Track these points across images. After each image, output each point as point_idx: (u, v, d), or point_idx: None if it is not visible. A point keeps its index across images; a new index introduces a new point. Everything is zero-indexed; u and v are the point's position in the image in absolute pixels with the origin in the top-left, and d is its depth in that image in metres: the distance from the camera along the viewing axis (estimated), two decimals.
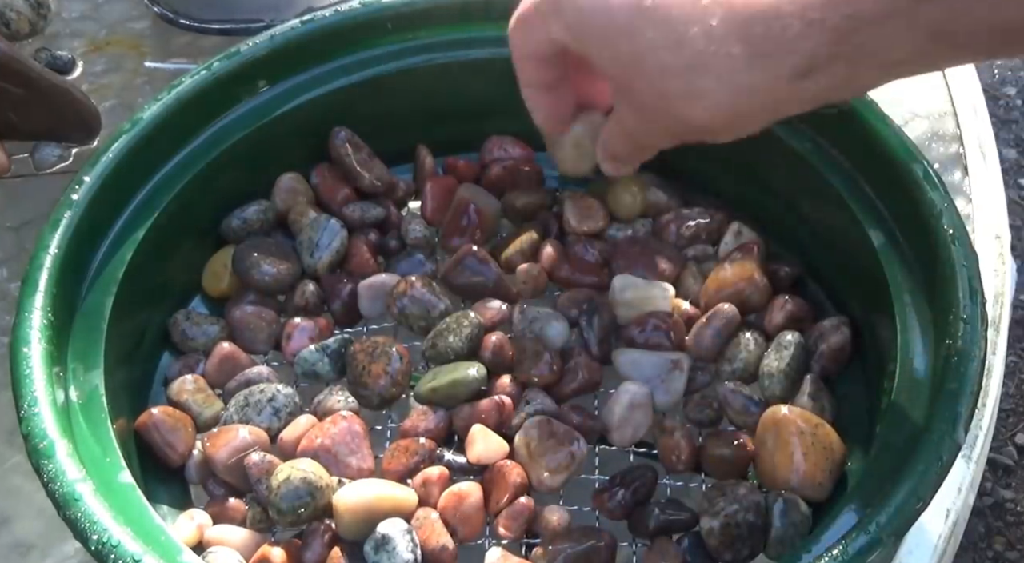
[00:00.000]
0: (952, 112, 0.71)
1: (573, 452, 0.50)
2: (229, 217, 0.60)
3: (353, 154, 0.61)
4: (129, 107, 0.73)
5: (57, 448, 0.43)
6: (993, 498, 1.34)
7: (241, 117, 0.59)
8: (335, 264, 0.59)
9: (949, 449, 0.42)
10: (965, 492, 0.53)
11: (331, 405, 0.53)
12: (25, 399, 0.44)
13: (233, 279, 0.58)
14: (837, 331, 0.53)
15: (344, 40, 0.60)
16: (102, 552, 0.40)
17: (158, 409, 0.51)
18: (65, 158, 0.69)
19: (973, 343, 0.45)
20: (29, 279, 0.48)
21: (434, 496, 0.49)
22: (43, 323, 0.47)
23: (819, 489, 0.48)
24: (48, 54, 0.74)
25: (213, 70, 0.57)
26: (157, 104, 0.55)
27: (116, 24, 0.80)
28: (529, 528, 0.49)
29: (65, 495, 0.41)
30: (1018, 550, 1.29)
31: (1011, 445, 1.39)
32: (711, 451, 0.51)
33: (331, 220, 0.59)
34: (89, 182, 0.52)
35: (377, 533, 0.46)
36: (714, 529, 0.47)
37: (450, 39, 0.62)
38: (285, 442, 0.51)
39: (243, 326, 0.57)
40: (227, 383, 0.55)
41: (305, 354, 0.55)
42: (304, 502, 0.46)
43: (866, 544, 0.39)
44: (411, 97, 0.62)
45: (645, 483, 0.50)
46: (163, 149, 0.56)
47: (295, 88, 0.60)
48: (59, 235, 0.50)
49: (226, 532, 0.48)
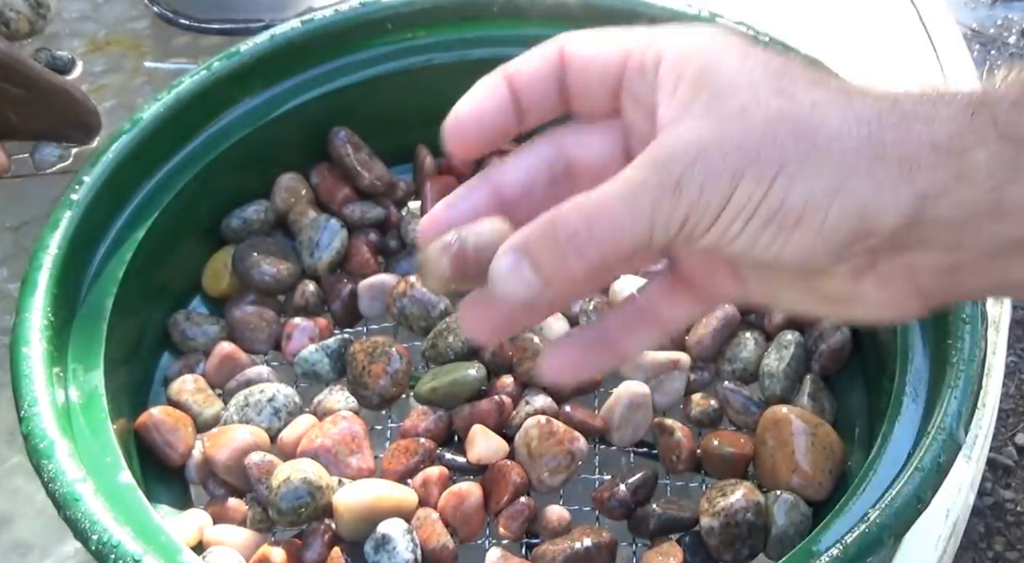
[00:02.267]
0: None
1: (573, 452, 0.50)
2: (229, 217, 0.60)
3: (353, 154, 0.61)
4: (129, 107, 0.73)
5: (57, 448, 0.43)
6: (993, 498, 1.34)
7: (241, 117, 0.59)
8: (335, 264, 0.59)
9: (949, 449, 0.42)
10: (965, 492, 0.53)
11: (331, 405, 0.53)
12: (25, 399, 0.44)
13: (233, 279, 0.58)
14: (837, 331, 0.53)
15: (344, 40, 0.60)
16: (102, 552, 0.40)
17: (158, 409, 0.51)
18: (65, 158, 0.69)
19: (973, 343, 0.45)
20: (29, 279, 0.48)
21: (434, 496, 0.49)
22: (43, 323, 0.47)
23: (819, 489, 0.48)
24: (48, 54, 0.74)
25: (213, 70, 0.57)
26: (157, 104, 0.55)
27: (116, 24, 0.80)
28: (529, 528, 0.49)
29: (65, 495, 0.41)
30: (1018, 550, 1.29)
31: (1011, 445, 1.39)
32: (711, 451, 0.51)
33: (331, 220, 0.59)
34: (89, 182, 0.52)
35: (377, 533, 0.46)
36: (714, 529, 0.47)
37: (450, 39, 0.62)
38: (285, 442, 0.51)
39: (243, 326, 0.57)
40: (227, 383, 0.55)
41: (305, 354, 0.55)
42: (304, 502, 0.46)
43: (866, 544, 0.39)
44: (411, 97, 0.62)
45: (645, 483, 0.50)
46: (163, 149, 0.56)
47: (295, 88, 0.60)
48: (59, 235, 0.50)
49: (226, 532, 0.48)
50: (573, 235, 0.30)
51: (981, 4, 1.99)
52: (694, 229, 0.30)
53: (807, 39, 0.58)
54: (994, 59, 1.88)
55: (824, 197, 0.29)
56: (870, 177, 0.28)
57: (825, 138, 0.29)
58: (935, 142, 0.28)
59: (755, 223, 0.29)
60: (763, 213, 0.29)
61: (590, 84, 0.34)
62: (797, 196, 0.29)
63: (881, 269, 0.30)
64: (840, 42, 0.69)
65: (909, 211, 0.28)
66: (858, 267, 0.30)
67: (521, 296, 0.30)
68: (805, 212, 0.29)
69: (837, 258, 0.30)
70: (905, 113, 0.29)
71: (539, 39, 0.33)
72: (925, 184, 0.28)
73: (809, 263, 0.30)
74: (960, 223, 0.29)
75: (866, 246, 0.29)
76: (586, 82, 0.34)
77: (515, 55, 0.35)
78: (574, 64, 0.34)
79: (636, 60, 0.33)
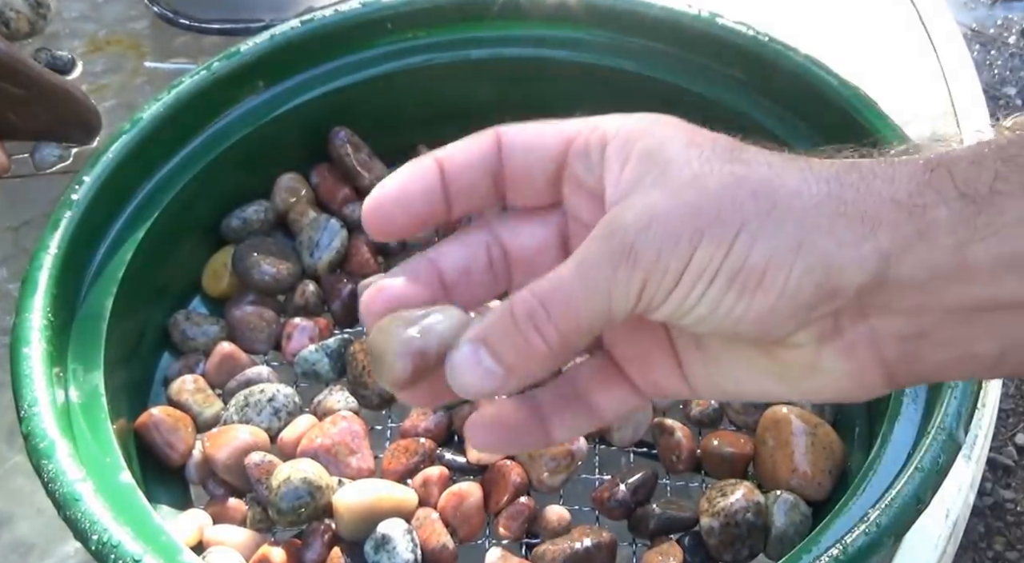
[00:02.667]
0: (952, 112, 0.71)
1: (573, 452, 0.50)
2: (229, 217, 0.60)
3: (353, 154, 0.61)
4: (129, 107, 0.73)
5: (57, 448, 0.43)
6: (993, 498, 1.34)
7: (241, 117, 0.59)
8: (335, 264, 0.59)
9: (949, 449, 0.42)
10: (965, 492, 0.53)
11: (331, 405, 0.53)
12: (25, 399, 0.44)
13: (233, 279, 0.58)
14: None
15: (344, 40, 0.60)
16: (102, 552, 0.40)
17: (158, 409, 0.51)
18: (65, 158, 0.69)
19: None
20: (29, 279, 0.48)
21: (434, 496, 0.49)
22: (43, 323, 0.47)
23: (819, 489, 0.48)
24: (48, 54, 0.74)
25: (213, 70, 0.57)
26: (157, 104, 0.55)
27: (116, 24, 0.80)
28: (529, 528, 0.49)
29: (65, 495, 0.41)
30: (1018, 550, 1.29)
31: (1011, 445, 1.39)
32: (711, 451, 0.51)
33: (331, 220, 0.59)
34: (89, 182, 0.52)
35: (377, 533, 0.46)
36: (714, 529, 0.47)
37: (450, 39, 0.62)
38: (285, 442, 0.51)
39: (243, 326, 0.57)
40: (227, 383, 0.54)
41: (305, 354, 0.55)
42: (304, 502, 0.46)
43: (866, 544, 0.39)
44: (411, 97, 0.62)
45: (645, 483, 0.50)
46: (163, 149, 0.56)
47: (295, 88, 0.60)
48: (59, 235, 0.50)
49: (226, 532, 0.48)
50: (530, 316, 0.28)
51: (981, 4, 1.99)
52: (653, 296, 0.28)
53: (807, 39, 0.58)
54: (994, 59, 1.88)
55: (788, 254, 0.28)
56: (832, 234, 0.28)
57: (785, 195, 0.28)
58: (896, 199, 0.28)
59: (717, 285, 0.28)
60: (725, 273, 0.28)
61: (530, 170, 0.32)
62: (760, 254, 0.28)
63: (845, 335, 0.29)
64: (840, 42, 0.69)
65: (873, 268, 0.28)
66: (822, 333, 0.29)
67: (483, 388, 0.29)
68: (768, 270, 0.28)
69: (801, 322, 0.28)
70: (864, 172, 0.28)
71: (539, 39, 0.33)
72: (888, 242, 0.27)
73: (771, 330, 0.29)
74: (924, 283, 0.28)
75: (831, 308, 0.28)
76: (526, 168, 0.32)
77: (515, 55, 0.35)
78: (513, 149, 0.32)
79: (579, 143, 0.31)
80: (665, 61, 0.60)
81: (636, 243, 0.28)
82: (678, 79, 0.60)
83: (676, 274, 0.28)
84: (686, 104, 0.60)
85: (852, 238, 0.28)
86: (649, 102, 0.61)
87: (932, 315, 0.28)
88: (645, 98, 0.61)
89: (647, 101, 0.61)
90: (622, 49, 0.60)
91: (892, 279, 0.28)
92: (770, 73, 0.57)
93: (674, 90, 0.60)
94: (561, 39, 0.61)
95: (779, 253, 0.28)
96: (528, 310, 0.28)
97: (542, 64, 0.61)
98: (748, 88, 0.58)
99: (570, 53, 0.61)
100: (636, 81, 0.60)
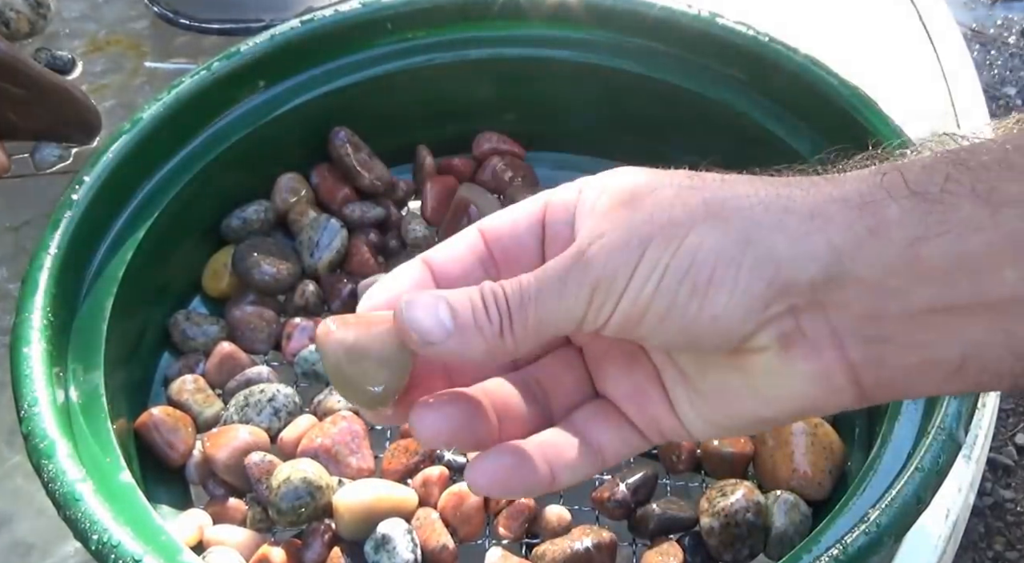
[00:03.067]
0: (952, 112, 0.71)
1: None
2: (229, 217, 0.60)
3: (353, 154, 0.61)
4: (129, 107, 0.73)
5: (57, 448, 0.43)
6: (993, 498, 1.34)
7: (241, 117, 0.59)
8: (335, 264, 0.59)
9: (949, 449, 0.42)
10: (965, 492, 0.53)
11: (331, 405, 0.53)
12: (25, 399, 0.44)
13: (233, 279, 0.58)
14: None
15: (344, 40, 0.60)
16: (102, 552, 0.40)
17: (158, 409, 0.51)
18: (65, 158, 0.69)
19: None
20: (29, 279, 0.48)
21: (434, 496, 0.49)
22: (43, 323, 0.47)
23: (819, 489, 0.48)
24: (48, 54, 0.74)
25: (213, 70, 0.57)
26: (157, 104, 0.55)
27: (116, 24, 0.80)
28: (529, 528, 0.49)
29: (65, 495, 0.41)
30: (1018, 550, 1.29)
31: (1011, 445, 1.39)
32: (711, 451, 0.51)
33: (331, 220, 0.59)
34: (89, 182, 0.52)
35: (377, 533, 0.46)
36: (714, 529, 0.47)
37: (450, 39, 0.62)
38: (285, 442, 0.51)
39: (243, 326, 0.57)
40: (227, 383, 0.55)
41: (305, 354, 0.55)
42: (304, 502, 0.46)
43: (866, 544, 0.39)
44: (411, 97, 0.62)
45: (645, 483, 0.50)
46: (163, 149, 0.56)
47: (295, 88, 0.60)
48: (59, 235, 0.50)
49: (226, 532, 0.48)
50: (493, 297, 0.30)
51: (981, 4, 1.99)
52: (604, 302, 0.29)
53: (807, 39, 0.58)
54: (994, 59, 1.88)
55: (736, 250, 0.28)
56: (781, 229, 0.28)
57: (733, 198, 0.29)
58: (845, 198, 0.28)
59: (668, 282, 0.28)
60: (674, 271, 0.28)
61: (520, 242, 0.33)
62: (708, 251, 0.28)
63: (808, 336, 0.29)
64: (840, 42, 0.69)
65: (825, 261, 0.28)
66: (783, 334, 0.29)
67: (427, 332, 0.30)
68: (717, 266, 0.28)
69: (758, 321, 0.29)
70: (815, 180, 0.29)
71: (539, 39, 0.33)
72: (839, 238, 0.28)
73: (730, 331, 0.29)
74: (880, 281, 0.28)
75: (787, 304, 0.28)
76: (516, 243, 0.33)
77: (515, 55, 0.35)
78: (499, 232, 0.34)
79: (557, 199, 0.33)
80: (665, 61, 0.60)
81: (588, 251, 0.29)
82: (678, 79, 0.60)
83: (625, 277, 0.29)
84: (686, 104, 0.60)
85: (803, 232, 0.28)
86: (649, 102, 0.61)
87: (891, 316, 0.28)
88: (645, 98, 0.62)
89: (647, 101, 0.62)
90: (622, 49, 0.60)
91: (847, 275, 0.28)
92: (770, 73, 0.57)
93: (674, 90, 0.60)
94: (561, 39, 0.61)
95: (727, 249, 0.28)
96: (492, 292, 0.30)
97: (542, 64, 0.61)
98: (748, 88, 0.58)
99: (570, 53, 0.61)
100: (636, 81, 0.60)
